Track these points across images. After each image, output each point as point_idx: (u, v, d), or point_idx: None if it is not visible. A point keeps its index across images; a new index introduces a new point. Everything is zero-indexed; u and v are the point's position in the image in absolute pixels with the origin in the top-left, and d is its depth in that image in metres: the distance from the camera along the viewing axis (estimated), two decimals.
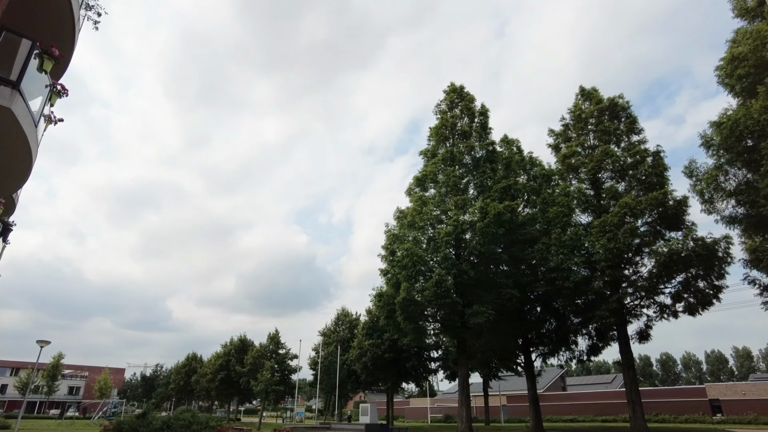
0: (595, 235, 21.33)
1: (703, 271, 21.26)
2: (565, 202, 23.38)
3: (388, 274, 24.57)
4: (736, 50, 15.75)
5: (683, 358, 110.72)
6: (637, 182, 22.83)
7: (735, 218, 16.94)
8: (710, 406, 45.52)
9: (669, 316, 22.78)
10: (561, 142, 26.55)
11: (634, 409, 22.52)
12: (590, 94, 25.89)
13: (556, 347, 27.27)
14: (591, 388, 63.96)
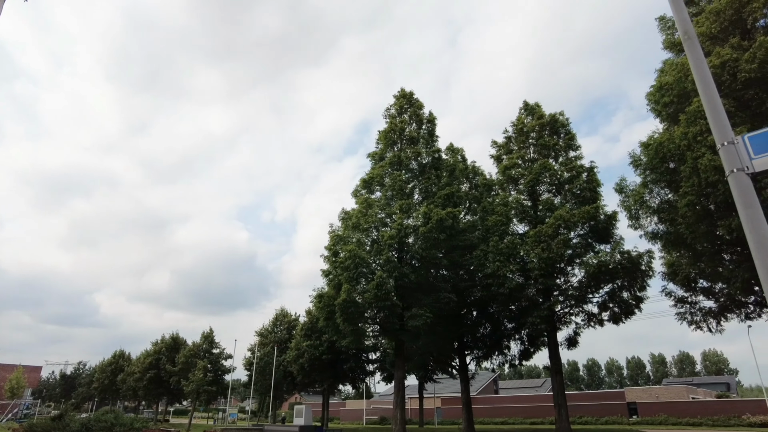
0: (531, 245, 22.21)
1: (627, 283, 22.64)
2: (503, 212, 24.20)
3: (330, 275, 24.45)
4: (663, 79, 16.93)
5: (607, 364, 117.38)
6: (571, 196, 24.00)
7: (656, 234, 18.17)
8: (627, 409, 48.48)
9: (596, 324, 24.08)
10: (503, 154, 27.48)
11: (559, 412, 23.59)
12: (533, 109, 26.97)
13: (490, 351, 28.16)
14: (522, 391, 66.45)
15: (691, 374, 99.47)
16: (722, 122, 2.88)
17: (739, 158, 2.74)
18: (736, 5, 15.50)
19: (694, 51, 3.23)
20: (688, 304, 21.81)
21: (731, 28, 15.90)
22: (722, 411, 42.88)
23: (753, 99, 14.28)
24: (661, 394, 48.18)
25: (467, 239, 24.56)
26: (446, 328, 24.08)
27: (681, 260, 18.70)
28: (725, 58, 14.36)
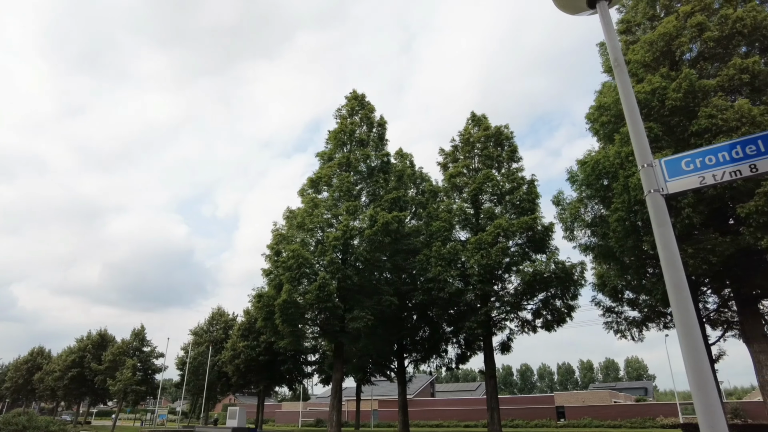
0: (471, 251, 22.80)
1: (560, 292, 23.68)
2: (447, 218, 24.71)
3: (271, 275, 24.03)
4: (601, 100, 17.94)
5: (539, 369, 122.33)
6: (512, 206, 24.88)
7: (589, 246, 19.18)
8: (556, 412, 50.77)
9: (529, 330, 25.03)
10: (449, 162, 28.09)
11: (492, 415, 24.29)
12: (480, 120, 27.76)
13: (428, 354, 28.64)
14: (457, 394, 68.00)
15: (615, 380, 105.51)
16: (644, 145, 3.11)
17: (656, 180, 2.96)
18: (667, 38, 16.66)
19: (622, 78, 3.46)
20: (615, 314, 23.14)
21: (662, 58, 17.08)
22: (640, 414, 45.85)
23: (678, 125, 15.40)
24: (587, 399, 50.78)
25: (411, 243, 24.91)
26: (387, 330, 24.27)
27: (610, 272, 19.82)
28: (655, 86, 15.39)
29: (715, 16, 16.43)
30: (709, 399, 2.45)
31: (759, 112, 13.65)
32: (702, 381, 2.47)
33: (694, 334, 2.58)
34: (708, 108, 14.32)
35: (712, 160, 2.88)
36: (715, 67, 16.56)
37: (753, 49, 16.51)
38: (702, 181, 2.90)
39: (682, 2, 18.08)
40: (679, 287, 2.68)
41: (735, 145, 2.86)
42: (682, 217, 13.73)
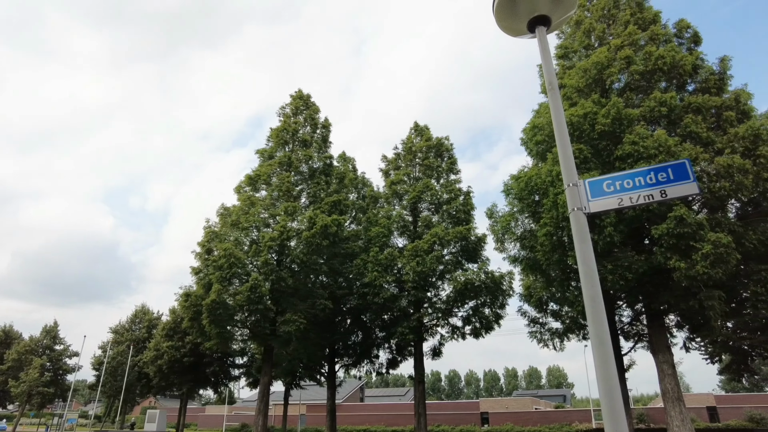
0: (408, 258, 23.13)
1: (489, 300, 24.53)
2: (386, 224, 24.96)
3: (200, 273, 23.15)
4: (537, 120, 18.87)
5: (467, 376, 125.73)
6: (448, 216, 25.53)
7: (518, 258, 20.01)
8: (480, 418, 52.36)
9: (459, 337, 25.70)
10: (391, 169, 28.42)
11: (419, 420, 24.67)
12: (422, 130, 28.33)
13: (359, 359, 28.67)
14: (386, 399, 68.45)
15: (537, 387, 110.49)
16: (570, 166, 3.31)
17: (579, 199, 3.16)
18: (599, 67, 17.81)
19: (555, 100, 3.66)
20: (539, 324, 24.23)
21: (594, 85, 18.23)
22: (558, 419, 48.26)
23: (605, 149, 16.47)
24: (510, 405, 52.78)
25: (349, 248, 24.90)
26: (319, 334, 24.04)
27: (536, 284, 20.79)
28: (587, 110, 16.38)
29: (641, 52, 17.77)
30: (615, 405, 2.63)
31: (673, 143, 14.89)
32: (610, 388, 2.65)
33: (605, 344, 2.76)
34: (632, 135, 15.43)
35: (629, 183, 3.12)
36: (639, 98, 17.88)
37: (671, 85, 18.01)
38: (620, 202, 3.14)
39: (614, 35, 19.43)
40: (594, 300, 2.87)
41: (650, 172, 3.12)
42: (605, 235, 14.65)
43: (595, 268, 3.01)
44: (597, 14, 20.53)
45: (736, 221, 15.69)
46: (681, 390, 16.68)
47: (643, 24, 19.27)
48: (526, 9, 3.83)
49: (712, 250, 13.25)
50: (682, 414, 16.00)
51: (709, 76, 17.98)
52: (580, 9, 21.68)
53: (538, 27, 3.87)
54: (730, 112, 16.46)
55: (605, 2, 20.42)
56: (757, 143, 15.08)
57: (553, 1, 3.78)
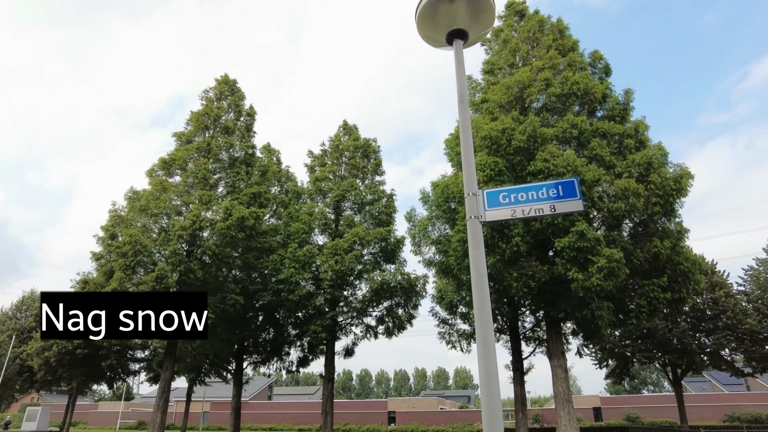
0: (327, 256, 23.02)
1: (404, 301, 25.04)
2: (308, 221, 24.66)
3: (102, 260, 21.57)
4: (458, 131, 19.52)
5: (378, 375, 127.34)
6: (370, 216, 25.74)
7: (432, 262, 20.62)
8: (388, 417, 53.31)
9: (372, 336, 25.97)
10: (317, 165, 28.15)
11: (326, 419, 24.60)
12: (351, 130, 28.35)
13: (269, 356, 28.08)
14: (296, 398, 67.63)
15: (444, 388, 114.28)
16: (472, 176, 3.45)
17: (477, 208, 3.31)
18: (521, 86, 18.82)
19: (464, 113, 3.79)
20: (449, 325, 25.09)
21: (515, 102, 19.22)
22: (461, 420, 50.30)
23: (519, 163, 17.40)
24: (417, 405, 54.19)
25: (267, 242, 24.30)
26: (228, 330, 23.19)
27: (448, 287, 21.51)
28: (506, 126, 17.21)
29: (559, 76, 18.99)
30: (494, 404, 2.77)
31: (581, 163, 16.05)
32: (490, 387, 2.78)
33: (490, 345, 2.90)
34: (544, 153, 16.42)
35: (523, 197, 3.32)
36: (554, 118, 19.08)
37: (583, 109, 19.43)
38: (513, 213, 3.32)
39: (536, 58, 20.61)
40: (483, 304, 3.01)
41: (542, 187, 3.34)
42: (512, 244, 15.47)
43: (485, 274, 3.15)
44: (523, 35, 21.69)
45: (628, 239, 17.23)
46: (571, 392, 17.99)
47: (563, 50, 20.64)
48: (445, 21, 3.94)
49: (606, 264, 14.43)
50: (569, 414, 17.27)
51: (615, 105, 19.62)
52: (509, 29, 22.80)
53: (456, 40, 3.99)
54: (630, 140, 18.06)
55: (531, 25, 21.63)
56: (649, 170, 16.66)
57: (472, 17, 3.92)
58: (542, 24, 21.65)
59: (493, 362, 2.87)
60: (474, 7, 3.82)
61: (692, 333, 28.58)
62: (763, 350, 28.05)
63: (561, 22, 21.92)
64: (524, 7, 22.95)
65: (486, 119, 18.89)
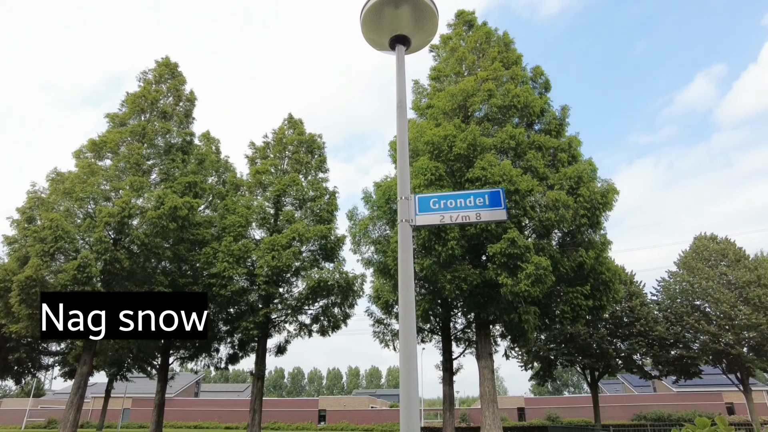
0: (263, 251, 22.56)
1: (340, 300, 24.99)
2: (245, 214, 24.05)
3: (16, 244, 19.96)
4: None
5: (310, 373, 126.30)
6: (311, 213, 25.49)
7: (371, 261, 20.75)
8: (318, 416, 53.03)
9: (306, 334, 25.72)
10: (258, 158, 27.52)
11: (253, 417, 24.12)
12: (296, 124, 27.94)
13: (198, 352, 27.14)
14: (224, 395, 65.78)
15: (377, 387, 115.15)
16: (406, 180, 3.52)
17: (408, 212, 3.39)
18: (465, 94, 19.34)
19: (401, 118, 3.87)
20: (384, 325, 25.34)
21: (458, 110, 19.72)
22: (392, 418, 50.88)
23: (459, 170, 17.87)
24: (348, 404, 54.25)
25: (200, 234, 23.43)
26: None
27: (385, 287, 21.71)
28: (448, 133, 17.63)
29: (502, 87, 19.69)
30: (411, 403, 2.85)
31: (516, 173, 16.72)
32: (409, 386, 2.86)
33: (411, 346, 2.98)
34: (482, 161, 16.96)
35: (452, 203, 3.44)
36: (495, 128, 19.76)
37: (522, 122, 20.25)
38: (442, 219, 3.43)
39: (482, 68, 21.23)
40: (408, 305, 3.09)
41: (469, 195, 3.48)
42: (447, 248, 15.87)
43: (412, 276, 3.24)
44: (470, 45, 22.29)
45: (556, 248, 18.15)
46: (496, 393, 18.71)
47: (507, 63, 21.41)
48: (389, 26, 4.00)
49: (534, 271, 15.12)
50: (494, 414, 17.95)
51: (552, 119, 20.62)
52: (457, 38, 23.34)
53: (398, 45, 4.06)
54: (564, 154, 19.05)
55: (479, 36, 22.27)
56: (579, 184, 17.64)
57: (415, 25, 4.00)
58: (489, 36, 22.35)
59: (413, 362, 2.95)
60: (418, 15, 3.90)
61: (610, 338, 30.54)
62: (669, 355, 30.45)
63: (507, 36, 22.73)
64: (473, 18, 23.59)
65: (430, 124, 19.26)
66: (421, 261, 16.78)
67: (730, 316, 28.80)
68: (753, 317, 27.84)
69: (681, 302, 30.90)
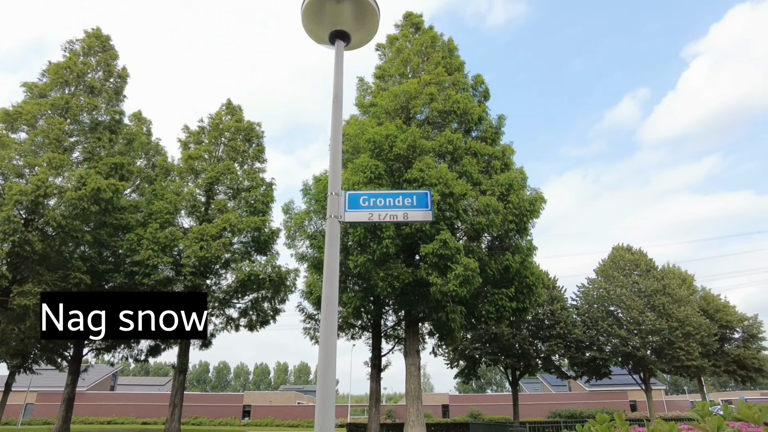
0: (192, 240, 21.70)
1: (271, 294, 24.54)
2: (174, 200, 23.03)
3: None
4: (346, 129, 19.74)
5: (237, 368, 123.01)
6: (245, 203, 24.83)
7: (305, 256, 20.53)
8: (243, 411, 51.78)
9: (232, 328, 25.05)
10: (192, 142, 26.42)
11: (173, 412, 23.19)
12: (234, 110, 27.08)
13: (114, 343, 25.68)
14: (144, 389, 62.60)
15: (305, 382, 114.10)
16: (337, 176, 3.54)
17: (337, 208, 3.40)
18: (407, 96, 19.59)
19: (336, 113, 3.87)
20: (314, 320, 25.19)
21: (401, 111, 19.94)
22: None
23: (398, 170, 18.09)
24: (274, 399, 53.40)
25: (125, 219, 22.16)
26: None
27: (318, 283, 21.58)
28: (390, 132, 17.78)
29: (444, 92, 20.11)
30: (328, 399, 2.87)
31: (452, 177, 17.16)
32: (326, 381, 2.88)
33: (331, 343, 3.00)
34: (420, 163, 17.26)
35: (381, 202, 3.49)
36: (434, 132, 20.18)
37: (461, 127, 20.81)
38: (370, 217, 3.48)
39: (425, 71, 21.60)
40: (330, 302, 3.10)
41: (398, 195, 3.55)
42: (382, 245, 16.02)
43: (337, 271, 3.25)
44: (416, 48, 22.58)
45: (486, 252, 18.82)
46: (421, 390, 19.13)
47: (450, 69, 21.90)
48: (330, 20, 3.99)
49: (462, 272, 15.59)
50: (418, 410, 18.35)
51: (489, 127, 21.34)
52: (404, 39, 23.58)
53: (338, 41, 4.06)
54: (497, 161, 19.77)
55: (425, 40, 22.61)
56: (510, 191, 18.38)
57: (356, 21, 4.01)
58: (435, 40, 22.77)
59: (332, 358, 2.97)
60: (359, 12, 3.92)
61: (531, 339, 32.11)
62: (584, 357, 32.50)
63: (452, 42, 23.26)
64: (420, 21, 23.93)
65: (372, 123, 19.33)
66: (356, 258, 16.84)
67: (638, 321, 31.20)
68: (657, 323, 30.31)
69: (597, 307, 33.09)
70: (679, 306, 31.02)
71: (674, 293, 31.63)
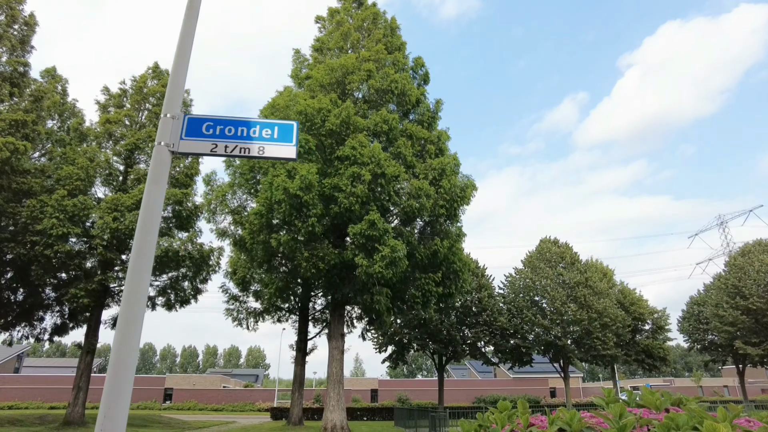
0: (104, 211, 19.95)
1: (192, 273, 23.17)
2: (86, 166, 21.05)
3: None
4: (278, 99, 18.77)
5: (163, 350, 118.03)
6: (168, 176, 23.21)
7: (226, 233, 19.43)
8: (164, 394, 49.55)
9: (149, 307, 23.47)
10: (111, 105, 24.27)
11: (77, 395, 21.50)
12: (161, 74, 25.15)
13: (16, 321, 23.37)
14: (54, 371, 58.47)
15: (235, 366, 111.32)
16: (177, 95, 2.86)
17: (170, 134, 2.73)
18: (344, 71, 18.84)
19: (188, 22, 3.16)
20: (239, 302, 24.14)
21: (336, 86, 19.17)
22: (244, 398, 49.34)
23: (329, 146, 17.38)
24: (198, 382, 51.45)
25: (27, 184, 19.99)
26: None
27: (242, 262, 20.56)
28: (323, 106, 17.01)
29: (382, 70, 19.52)
30: (123, 386, 2.25)
31: (385, 158, 16.67)
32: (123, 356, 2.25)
33: (138, 303, 2.37)
34: (354, 141, 16.65)
35: (231, 131, 2.86)
36: (371, 111, 19.58)
37: (399, 109, 20.35)
38: (214, 149, 2.84)
39: (365, 48, 20.90)
40: (143, 249, 2.45)
41: (256, 125, 2.92)
42: (308, 224, 15.33)
43: (158, 215, 2.60)
44: (357, 23, 21.81)
45: (416, 236, 18.57)
46: (343, 374, 18.71)
47: (391, 48, 21.34)
48: None
49: (389, 254, 15.22)
50: (338, 395, 17.94)
51: (426, 111, 21.02)
52: (345, 12, 22.74)
53: None
54: (432, 146, 19.51)
55: (366, 15, 21.88)
56: (442, 176, 18.18)
57: None
58: (377, 17, 22.10)
59: (136, 324, 2.34)
60: None
61: (459, 326, 32.58)
62: (509, 344, 33.41)
63: (394, 21, 22.69)
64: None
65: (306, 95, 18.46)
66: (278, 236, 16.03)
67: (560, 311, 32.40)
68: (578, 314, 31.60)
69: (523, 297, 34.03)
70: (599, 298, 32.48)
71: (595, 286, 33.08)
